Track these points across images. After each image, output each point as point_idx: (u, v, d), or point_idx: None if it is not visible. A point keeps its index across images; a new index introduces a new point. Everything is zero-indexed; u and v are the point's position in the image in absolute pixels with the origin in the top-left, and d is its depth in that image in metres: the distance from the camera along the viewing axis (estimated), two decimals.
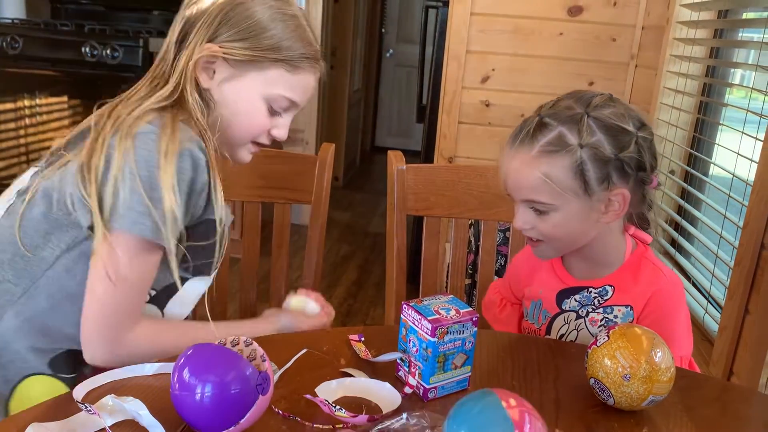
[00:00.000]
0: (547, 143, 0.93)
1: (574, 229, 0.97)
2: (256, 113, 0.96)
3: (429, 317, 0.76)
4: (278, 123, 0.98)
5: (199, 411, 0.65)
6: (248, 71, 0.93)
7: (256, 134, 0.98)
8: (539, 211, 0.96)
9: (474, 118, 2.58)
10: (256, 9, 0.92)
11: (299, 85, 0.96)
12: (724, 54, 1.95)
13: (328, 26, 3.74)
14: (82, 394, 0.73)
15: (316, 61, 0.97)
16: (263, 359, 0.69)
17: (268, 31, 0.92)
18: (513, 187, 0.98)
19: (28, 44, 2.91)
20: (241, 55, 0.91)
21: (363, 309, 2.92)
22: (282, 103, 0.96)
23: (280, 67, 0.93)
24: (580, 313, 1.02)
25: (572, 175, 0.93)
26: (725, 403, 0.86)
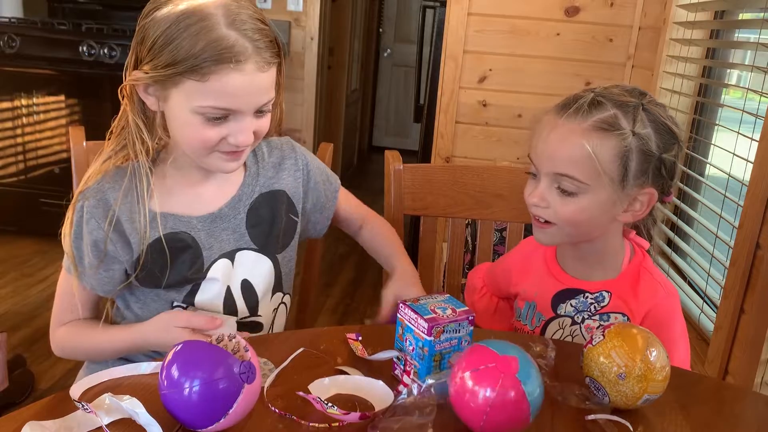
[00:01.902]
0: (601, 120, 0.91)
1: (594, 218, 0.95)
2: (193, 128, 0.90)
3: (425, 316, 0.77)
4: (231, 130, 0.91)
5: (188, 406, 0.66)
6: (169, 89, 0.89)
7: (206, 147, 0.92)
8: (565, 191, 0.94)
9: (471, 117, 2.58)
10: (158, 24, 0.87)
11: (216, 90, 0.87)
12: (720, 54, 1.96)
13: (325, 26, 3.74)
14: (79, 393, 0.73)
15: (228, 59, 0.86)
16: (246, 350, 0.70)
17: (168, 45, 0.86)
18: (548, 156, 0.94)
19: (25, 43, 2.91)
20: (151, 77, 0.88)
21: (360, 308, 2.92)
22: (213, 112, 0.89)
23: (189, 79, 0.87)
24: (576, 319, 1.02)
25: (617, 160, 0.91)
26: (720, 402, 0.86)
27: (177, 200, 1.00)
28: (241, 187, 1.04)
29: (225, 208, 1.02)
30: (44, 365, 2.14)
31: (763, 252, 1.29)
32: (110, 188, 0.96)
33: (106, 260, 0.96)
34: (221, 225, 1.01)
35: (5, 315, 2.41)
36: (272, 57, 0.91)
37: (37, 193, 3.01)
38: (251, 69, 0.88)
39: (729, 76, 1.95)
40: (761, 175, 1.31)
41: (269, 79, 0.92)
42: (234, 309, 1.02)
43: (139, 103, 0.93)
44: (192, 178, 1.00)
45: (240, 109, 0.90)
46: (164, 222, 0.98)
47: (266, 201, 1.05)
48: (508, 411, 0.69)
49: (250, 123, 0.92)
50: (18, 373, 2.01)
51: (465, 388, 0.70)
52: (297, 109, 3.63)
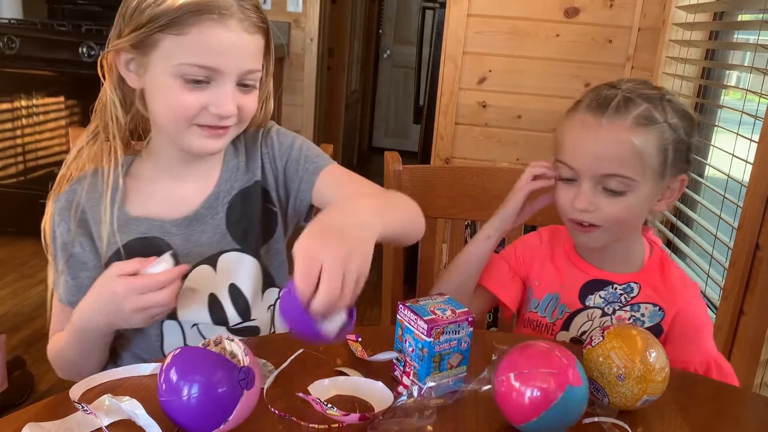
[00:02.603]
0: (639, 116, 0.92)
1: (638, 214, 0.96)
2: (172, 93, 0.86)
3: (425, 317, 0.77)
4: (213, 98, 0.86)
5: (187, 412, 0.65)
6: (149, 54, 0.86)
7: (185, 117, 0.87)
8: (612, 191, 0.93)
9: (471, 119, 2.58)
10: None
11: (197, 45, 0.83)
12: (719, 56, 1.96)
13: (325, 27, 3.74)
14: (79, 394, 0.73)
15: (210, 9, 0.83)
16: (245, 354, 0.69)
17: (150, 5, 0.84)
18: (595, 158, 0.93)
19: (25, 44, 2.91)
20: (131, 41, 0.85)
21: (359, 310, 2.90)
22: (193, 71, 0.84)
23: (168, 34, 0.83)
24: (606, 310, 1.01)
25: (659, 153, 0.92)
26: (720, 403, 0.86)
27: (151, 201, 0.96)
28: (219, 183, 0.99)
29: (202, 209, 0.97)
30: (44, 367, 2.13)
31: (762, 253, 1.30)
32: (82, 189, 0.94)
33: (73, 266, 0.94)
34: (198, 228, 0.96)
35: (5, 316, 2.41)
36: (259, 22, 0.88)
37: (36, 194, 3.00)
38: (235, 26, 0.85)
39: (728, 78, 1.95)
40: (760, 176, 1.31)
41: (255, 45, 0.88)
42: (223, 317, 0.97)
43: (118, 80, 0.91)
44: (169, 172, 0.96)
45: (222, 69, 0.85)
46: (136, 226, 0.94)
47: (244, 196, 1.00)
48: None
49: (233, 91, 0.87)
50: (17, 374, 2.00)
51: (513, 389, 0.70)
52: (297, 110, 3.63)
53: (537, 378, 0.69)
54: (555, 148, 1.03)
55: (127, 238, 0.94)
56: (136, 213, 0.95)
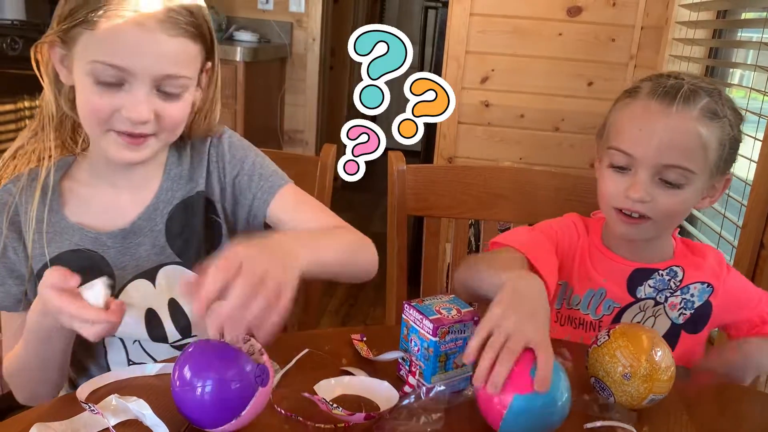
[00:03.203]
0: (705, 108, 0.90)
1: (688, 209, 0.96)
2: (85, 93, 0.82)
3: (430, 317, 0.77)
4: (124, 102, 0.81)
5: (201, 406, 0.65)
6: (72, 49, 0.82)
7: (98, 120, 0.82)
8: (669, 184, 0.91)
9: (473, 118, 2.58)
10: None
11: (107, 41, 0.78)
12: (723, 54, 1.96)
13: (327, 27, 3.74)
14: (86, 394, 0.73)
15: (127, 8, 0.78)
16: (261, 353, 0.70)
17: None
18: (658, 147, 0.90)
19: (28, 45, 2.90)
20: (56, 34, 0.81)
21: (363, 310, 2.92)
22: (104, 71, 0.79)
23: (85, 29, 0.79)
24: (658, 299, 1.00)
25: (718, 148, 0.91)
26: (725, 401, 0.86)
27: (89, 210, 0.92)
28: (159, 193, 0.94)
29: (139, 220, 0.92)
30: None
31: (766, 251, 1.29)
32: (17, 190, 0.89)
33: (2, 270, 0.89)
34: (136, 240, 0.91)
35: None
36: (187, 26, 0.82)
37: None
38: (153, 26, 0.79)
39: (732, 76, 1.95)
40: (765, 175, 1.31)
41: (177, 49, 0.82)
42: (162, 334, 0.92)
43: (54, 74, 0.87)
44: (105, 180, 0.92)
45: (133, 71, 0.79)
46: (71, 235, 0.90)
47: (186, 207, 0.95)
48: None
49: (147, 97, 0.81)
50: None
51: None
52: (299, 110, 3.63)
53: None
54: (606, 134, 0.99)
55: (59, 249, 0.89)
56: (74, 219, 0.90)
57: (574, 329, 1.05)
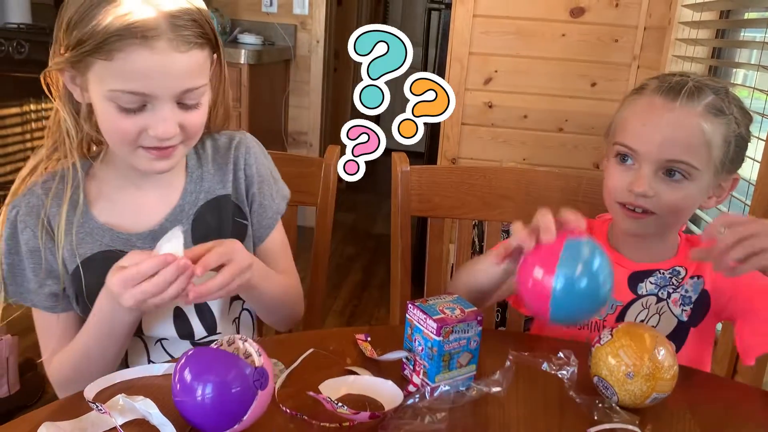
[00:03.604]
0: (710, 105, 0.91)
1: (692, 205, 0.95)
2: (109, 118, 0.83)
3: (434, 317, 0.77)
4: (149, 121, 0.82)
5: (202, 413, 0.66)
6: (85, 74, 0.82)
7: (126, 141, 0.84)
8: (672, 178, 0.92)
9: (477, 119, 2.59)
10: (72, 3, 0.81)
11: (124, 71, 0.79)
12: (726, 54, 1.96)
13: (331, 29, 3.75)
14: (93, 394, 0.74)
15: (134, 33, 0.77)
16: (259, 354, 0.70)
17: (80, 22, 0.79)
18: (662, 142, 0.91)
19: (34, 49, 2.93)
20: (66, 60, 0.81)
21: (367, 310, 2.93)
22: (125, 98, 0.80)
23: (97, 59, 0.79)
24: (661, 295, 1.01)
25: (724, 145, 0.91)
26: (729, 401, 0.86)
27: (116, 210, 0.93)
28: (183, 195, 0.96)
29: (166, 222, 0.94)
30: None
31: None
32: (43, 194, 0.90)
33: (41, 273, 0.90)
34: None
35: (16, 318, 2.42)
36: (194, 37, 0.82)
37: None
38: (164, 47, 0.79)
39: (735, 76, 1.95)
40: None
41: (191, 62, 0.83)
42: (189, 331, 0.96)
43: (67, 95, 0.87)
44: (130, 182, 0.93)
45: (154, 94, 0.81)
46: (101, 236, 0.92)
47: (211, 208, 0.97)
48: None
49: (171, 113, 0.83)
50: (29, 376, 2.02)
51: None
52: (303, 113, 3.64)
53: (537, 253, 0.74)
54: (612, 130, 1.01)
55: (91, 250, 0.91)
56: (103, 219, 0.92)
57: (578, 330, 1.05)
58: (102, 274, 0.82)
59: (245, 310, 1.05)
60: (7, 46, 2.91)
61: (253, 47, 3.14)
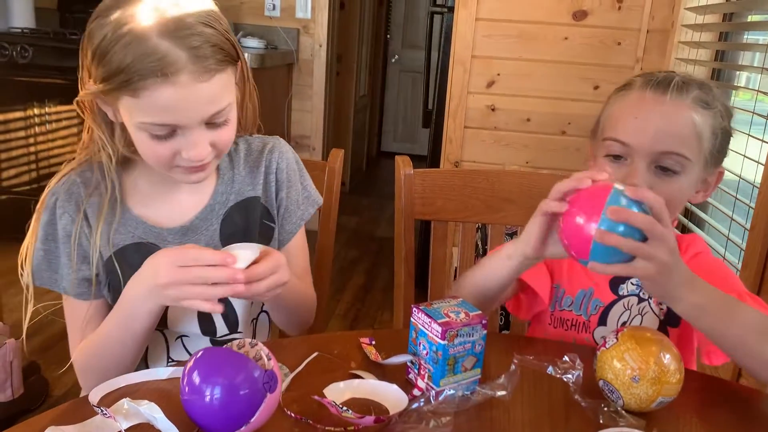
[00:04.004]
0: (697, 98, 0.92)
1: (684, 199, 0.96)
2: (142, 144, 0.86)
3: (439, 320, 0.77)
4: (182, 146, 0.85)
5: (209, 414, 0.66)
6: (115, 103, 0.85)
7: (160, 163, 0.88)
8: (665, 171, 0.92)
9: (480, 122, 2.59)
10: (96, 34, 0.82)
11: (150, 106, 0.81)
12: (729, 57, 1.95)
13: (333, 33, 3.76)
14: (98, 398, 0.74)
15: (155, 72, 0.79)
16: (269, 358, 0.70)
17: (103, 58, 0.81)
18: (654, 134, 0.91)
19: (37, 53, 2.94)
20: (95, 92, 0.84)
21: (371, 313, 2.93)
22: (154, 129, 0.83)
23: (124, 94, 0.81)
24: (642, 295, 1.00)
25: (711, 137, 0.93)
26: (734, 404, 0.86)
27: (149, 205, 0.96)
28: (214, 195, 0.99)
29: (196, 220, 0.97)
30: (58, 372, 2.15)
31: None
32: (81, 183, 0.93)
33: (77, 258, 0.92)
34: (193, 237, 0.97)
35: (19, 322, 2.42)
36: (217, 63, 0.83)
37: None
38: (186, 80, 0.80)
39: (738, 78, 1.95)
40: None
41: (215, 88, 0.84)
42: (212, 328, 0.98)
43: (102, 114, 0.89)
44: (164, 180, 0.95)
45: (182, 123, 0.83)
46: (134, 227, 0.95)
47: (240, 209, 1.00)
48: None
49: (201, 136, 0.85)
50: (33, 379, 2.02)
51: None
52: (306, 116, 3.65)
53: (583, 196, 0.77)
54: (600, 128, 1.01)
55: (123, 241, 0.94)
56: (136, 211, 0.96)
57: (566, 331, 1.06)
58: (133, 264, 0.85)
59: (263, 312, 1.07)
60: (11, 51, 2.92)
61: (255, 51, 3.14)
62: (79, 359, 0.94)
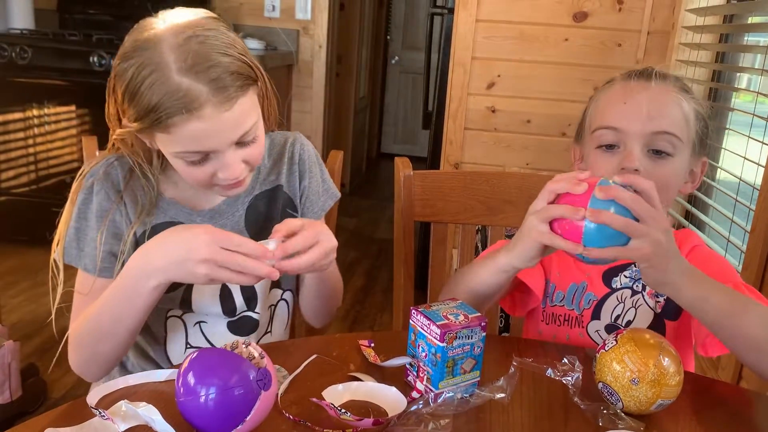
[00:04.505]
0: (678, 85, 0.96)
1: (677, 184, 0.98)
2: (180, 169, 0.92)
3: (438, 322, 0.77)
4: (218, 167, 0.90)
5: (205, 414, 0.66)
6: (151, 138, 0.91)
7: (200, 185, 0.93)
8: (659, 153, 0.94)
9: (480, 124, 2.59)
10: (123, 75, 0.86)
11: (182, 138, 0.86)
12: (729, 58, 1.95)
13: (333, 34, 3.76)
14: (96, 400, 0.74)
15: (180, 110, 0.83)
16: (262, 356, 0.70)
17: (133, 98, 0.85)
18: (645, 116, 0.93)
19: (37, 54, 2.94)
20: (130, 131, 0.89)
21: (370, 315, 2.92)
22: (189, 156, 0.88)
23: (156, 131, 0.87)
24: (635, 288, 1.01)
25: (696, 122, 0.96)
26: (734, 407, 0.86)
27: (180, 191, 1.01)
28: None
29: (224, 205, 1.03)
30: (57, 374, 2.15)
31: None
32: (118, 165, 0.98)
33: (109, 234, 0.95)
34: (220, 221, 1.02)
35: (18, 324, 2.43)
36: (238, 90, 0.86)
37: (48, 202, 3.03)
38: (211, 112, 0.84)
39: (739, 80, 1.95)
40: None
41: (239, 113, 0.87)
42: (233, 306, 1.02)
43: (138, 142, 0.94)
44: None
45: (213, 149, 0.88)
46: (166, 209, 0.99)
47: (265, 197, 1.05)
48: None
49: (233, 156, 0.90)
50: (31, 381, 2.02)
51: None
52: (306, 117, 3.65)
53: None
54: (588, 124, 1.02)
55: (157, 220, 0.98)
56: (168, 195, 1.00)
57: (558, 327, 1.05)
58: None
59: (283, 300, 1.09)
60: (11, 52, 2.92)
61: (255, 52, 3.14)
62: (73, 335, 0.94)
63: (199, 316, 1.02)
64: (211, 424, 0.66)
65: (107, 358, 0.93)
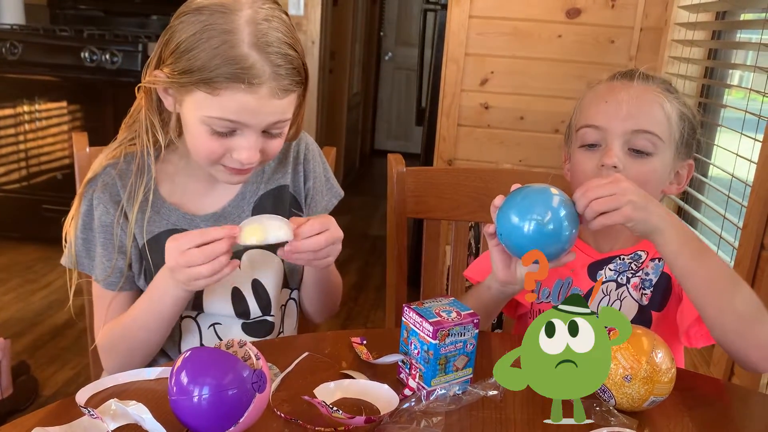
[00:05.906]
0: (662, 85, 0.98)
1: (658, 182, 0.99)
2: (199, 137, 0.90)
3: (430, 319, 0.77)
4: (236, 145, 0.90)
5: (198, 414, 0.65)
6: (183, 95, 0.89)
7: (209, 158, 0.92)
8: (639, 151, 0.95)
9: (473, 120, 2.58)
10: (184, 29, 0.87)
11: (226, 105, 0.86)
12: (722, 55, 1.96)
13: (326, 30, 3.74)
14: (85, 399, 0.73)
15: (242, 79, 0.84)
16: (257, 357, 0.70)
17: (189, 52, 0.85)
18: (626, 115, 0.95)
19: (27, 50, 2.92)
20: (168, 82, 0.88)
21: (363, 312, 2.92)
22: (220, 124, 0.88)
23: (201, 89, 0.86)
24: (620, 280, 1.01)
25: (680, 123, 0.97)
26: (726, 403, 0.86)
27: (183, 193, 1.01)
28: (245, 184, 1.04)
29: (229, 207, 1.02)
30: (48, 371, 2.14)
31: (767, 252, 1.29)
32: (117, 175, 0.97)
33: (110, 247, 0.97)
34: (225, 224, 0.99)
35: (9, 321, 2.41)
36: (292, 85, 0.89)
37: (39, 199, 3.01)
38: (265, 93, 0.86)
39: (731, 77, 1.95)
40: (765, 176, 1.30)
41: (285, 105, 0.90)
42: (245, 309, 1.01)
43: (156, 101, 0.93)
44: (198, 170, 0.99)
45: (247, 124, 0.88)
46: (167, 215, 0.99)
47: (270, 197, 1.05)
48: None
49: (257, 141, 0.90)
50: (22, 379, 2.01)
51: None
52: None
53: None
54: (573, 124, 1.05)
55: (158, 228, 0.98)
56: (170, 200, 1.00)
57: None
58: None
59: (291, 299, 1.10)
60: (1, 47, 2.90)
61: None
62: (103, 341, 0.98)
63: (213, 317, 1.02)
64: (203, 423, 0.66)
65: (143, 362, 0.98)
